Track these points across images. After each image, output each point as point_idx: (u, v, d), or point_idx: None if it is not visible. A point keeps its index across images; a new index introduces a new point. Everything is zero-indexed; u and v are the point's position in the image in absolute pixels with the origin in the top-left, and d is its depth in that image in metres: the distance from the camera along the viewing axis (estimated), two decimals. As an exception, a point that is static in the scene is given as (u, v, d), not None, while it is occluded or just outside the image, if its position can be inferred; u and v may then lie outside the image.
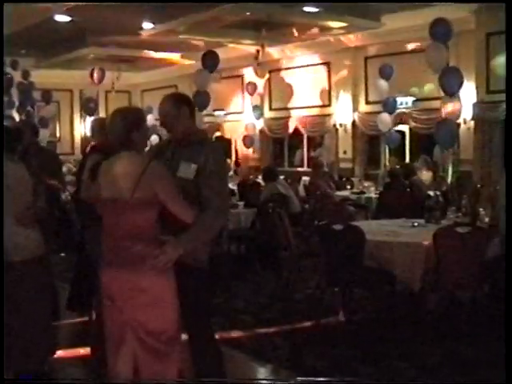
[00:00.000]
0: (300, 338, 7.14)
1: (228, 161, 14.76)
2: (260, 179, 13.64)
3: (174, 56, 21.94)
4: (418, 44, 16.16)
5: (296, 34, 18.18)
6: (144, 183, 4.15)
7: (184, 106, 4.70)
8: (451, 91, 11.50)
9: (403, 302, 7.50)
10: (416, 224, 8.28)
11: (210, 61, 15.33)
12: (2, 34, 13.95)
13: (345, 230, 7.20)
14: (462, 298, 7.62)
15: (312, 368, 6.20)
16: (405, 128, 18.49)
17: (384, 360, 6.36)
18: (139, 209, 4.19)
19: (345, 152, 19.64)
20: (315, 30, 17.83)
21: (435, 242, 6.92)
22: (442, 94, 12.75)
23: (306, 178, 16.05)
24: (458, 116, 12.77)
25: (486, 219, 8.39)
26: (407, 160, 18.07)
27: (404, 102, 17.38)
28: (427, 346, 6.71)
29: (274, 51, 19.80)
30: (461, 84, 11.78)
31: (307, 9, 15.42)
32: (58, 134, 25.48)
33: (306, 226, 9.10)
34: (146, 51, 21.30)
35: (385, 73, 16.53)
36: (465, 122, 15.35)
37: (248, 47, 19.13)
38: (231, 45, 19.58)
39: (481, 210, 8.82)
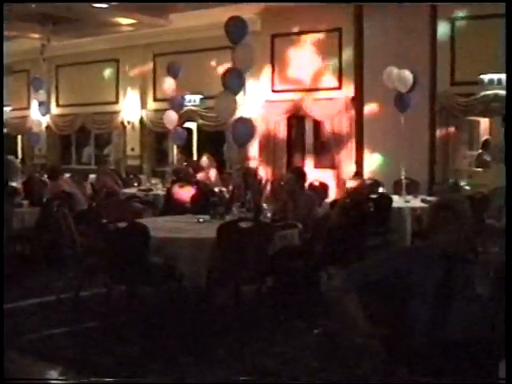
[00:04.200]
0: (86, 336, 7.04)
1: (11, 158, 14.26)
2: (45, 177, 13.35)
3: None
4: (208, 43, 16.45)
5: (84, 29, 17.88)
6: None
7: None
8: (234, 90, 11.71)
9: (190, 297, 7.59)
10: (201, 220, 8.40)
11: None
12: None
13: (128, 228, 7.19)
14: (247, 291, 7.78)
15: (98, 366, 6.13)
16: (193, 125, 18.70)
17: (171, 356, 6.39)
18: None
19: (132, 149, 19.62)
20: (104, 26, 17.64)
21: (219, 237, 7.04)
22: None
23: (93, 176, 15.85)
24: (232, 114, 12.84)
25: (269, 214, 8.65)
26: (195, 157, 18.29)
27: (192, 100, 17.55)
28: (213, 339, 6.81)
29: (61, 46, 19.36)
30: (242, 84, 12.02)
31: (96, 4, 15.21)
32: None
33: (91, 224, 8.98)
34: None
35: (172, 70, 16.54)
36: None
37: (34, 41, 18.58)
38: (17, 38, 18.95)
39: (264, 205, 9.09)
